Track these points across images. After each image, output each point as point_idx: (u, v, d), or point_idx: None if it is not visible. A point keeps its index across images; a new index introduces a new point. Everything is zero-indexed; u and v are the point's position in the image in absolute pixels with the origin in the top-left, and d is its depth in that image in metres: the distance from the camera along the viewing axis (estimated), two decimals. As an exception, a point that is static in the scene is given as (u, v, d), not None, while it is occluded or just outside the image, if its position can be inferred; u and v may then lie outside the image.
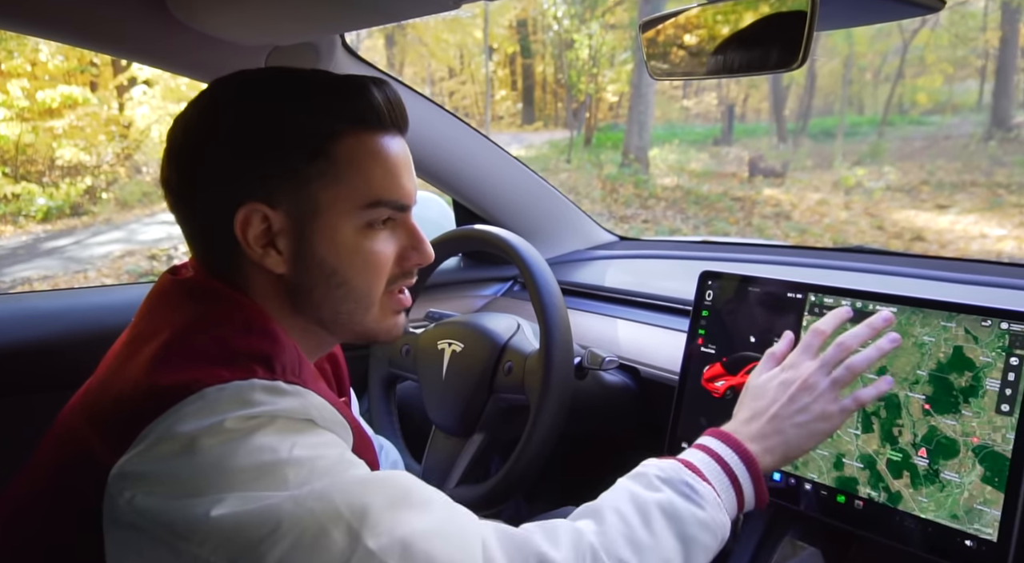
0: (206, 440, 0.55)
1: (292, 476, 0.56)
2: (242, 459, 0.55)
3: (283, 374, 0.62)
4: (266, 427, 0.57)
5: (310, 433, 0.60)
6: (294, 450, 0.57)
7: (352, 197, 0.68)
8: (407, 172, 0.72)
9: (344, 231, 0.68)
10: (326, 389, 0.67)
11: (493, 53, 15.91)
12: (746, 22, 0.72)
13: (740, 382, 0.95)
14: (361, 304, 0.71)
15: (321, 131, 0.66)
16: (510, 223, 1.56)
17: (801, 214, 7.84)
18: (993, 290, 1.11)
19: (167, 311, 0.67)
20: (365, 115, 0.68)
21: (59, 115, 8.78)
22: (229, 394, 0.58)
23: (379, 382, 1.21)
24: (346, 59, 1.19)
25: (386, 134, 0.70)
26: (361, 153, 0.68)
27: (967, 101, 11.03)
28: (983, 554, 0.73)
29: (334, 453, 0.60)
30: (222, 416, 0.56)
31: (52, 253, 7.34)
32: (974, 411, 0.76)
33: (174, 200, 0.70)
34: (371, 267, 0.70)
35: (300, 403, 0.60)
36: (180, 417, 0.56)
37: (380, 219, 0.70)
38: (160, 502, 0.54)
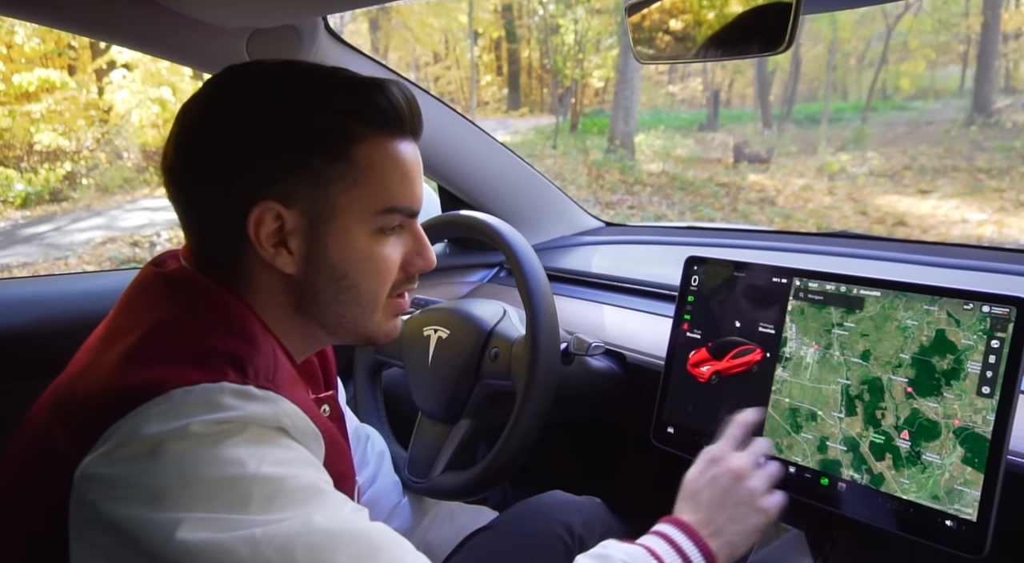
0: (171, 445, 0.54)
1: (256, 495, 0.54)
2: (207, 470, 0.54)
3: (255, 378, 0.60)
4: (235, 436, 0.56)
5: (280, 446, 0.58)
6: (262, 466, 0.55)
7: (369, 202, 0.67)
8: (419, 179, 0.72)
9: (358, 235, 0.68)
10: (303, 395, 0.66)
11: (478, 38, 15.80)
12: (732, 6, 0.72)
13: (725, 367, 0.96)
14: (367, 308, 0.71)
15: (342, 133, 0.65)
16: (496, 209, 1.56)
17: (785, 199, 7.88)
18: (974, 274, 1.12)
19: (145, 306, 0.65)
20: (388, 119, 0.67)
21: (36, 99, 8.64)
22: (196, 397, 0.56)
23: (365, 369, 1.21)
24: (329, 43, 1.17)
25: (404, 139, 0.69)
26: (380, 157, 0.67)
27: (949, 86, 11.11)
28: (963, 533, 0.74)
29: (304, 476, 0.58)
30: (188, 420, 0.55)
31: (31, 240, 7.24)
32: (956, 394, 0.77)
33: (177, 189, 0.67)
34: (380, 272, 0.70)
35: (271, 409, 0.59)
36: (145, 418, 0.55)
37: (392, 225, 0.70)
38: (124, 510, 0.53)
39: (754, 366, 0.93)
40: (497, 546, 0.93)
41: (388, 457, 1.11)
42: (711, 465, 0.82)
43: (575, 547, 0.91)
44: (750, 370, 0.94)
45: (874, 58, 11.48)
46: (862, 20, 11.26)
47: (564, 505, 0.97)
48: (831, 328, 0.87)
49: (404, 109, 0.68)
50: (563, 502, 0.98)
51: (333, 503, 0.59)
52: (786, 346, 0.91)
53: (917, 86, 11.29)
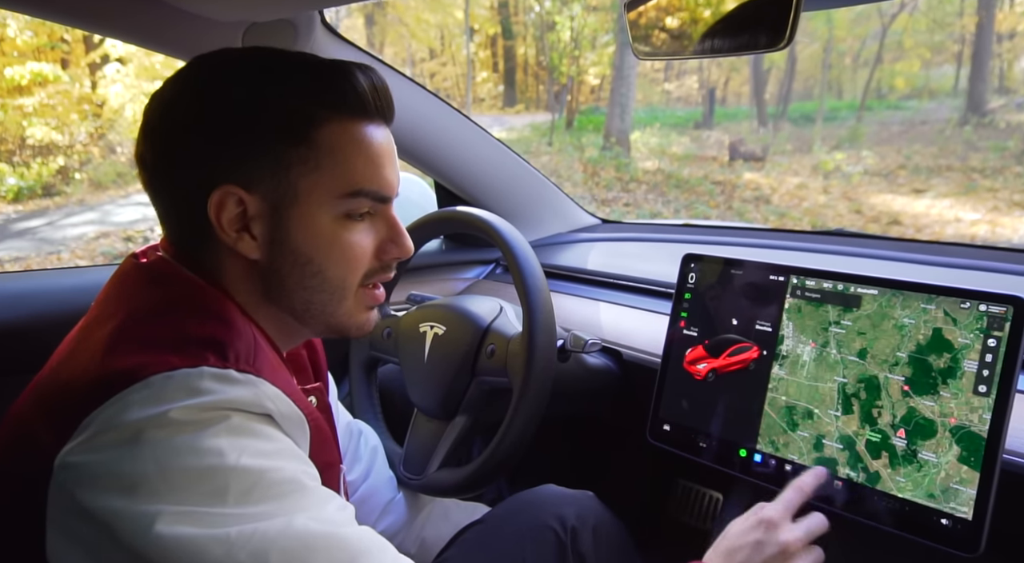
0: (151, 432, 0.53)
1: (235, 487, 0.53)
2: (185, 459, 0.53)
3: (236, 362, 0.59)
4: (216, 425, 0.55)
5: (263, 437, 0.57)
6: (242, 458, 0.54)
7: (332, 186, 0.66)
8: (390, 163, 0.70)
9: (322, 220, 0.66)
10: (287, 379, 0.66)
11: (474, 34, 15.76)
12: (732, 2, 0.71)
13: (722, 364, 0.96)
14: (335, 296, 0.69)
15: (304, 116, 0.65)
16: (492, 205, 1.55)
17: (780, 198, 7.90)
18: (971, 273, 1.12)
19: (123, 296, 0.65)
20: (350, 101, 0.66)
21: (29, 93, 8.58)
22: (176, 382, 0.55)
23: (360, 365, 1.20)
24: (325, 37, 1.16)
25: (370, 123, 0.68)
26: (343, 141, 0.66)
27: (943, 86, 11.15)
28: (958, 532, 0.74)
29: (286, 469, 0.57)
30: (168, 405, 0.54)
31: (24, 234, 7.20)
32: (952, 392, 0.77)
33: (148, 177, 0.68)
34: (347, 258, 0.68)
35: (252, 393, 0.58)
36: (125, 405, 0.54)
37: (359, 210, 0.68)
38: (102, 499, 0.52)
39: (751, 364, 0.93)
40: (490, 539, 0.93)
41: (382, 452, 1.11)
42: (760, 528, 0.77)
43: (567, 539, 0.91)
44: (747, 368, 0.94)
45: (869, 57, 11.52)
46: (857, 19, 11.29)
47: (557, 498, 0.97)
48: (828, 326, 0.87)
49: (368, 93, 0.67)
50: (556, 495, 0.98)
51: (315, 501, 0.58)
52: (783, 344, 0.91)
53: (912, 85, 11.33)
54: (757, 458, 0.91)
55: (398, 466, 1.10)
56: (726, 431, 0.95)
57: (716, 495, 1.23)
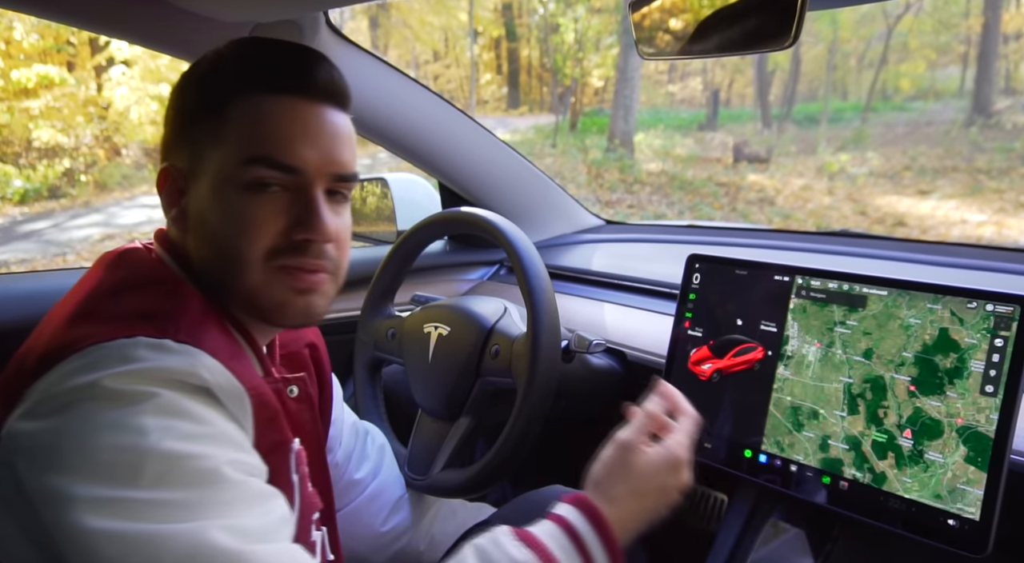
0: (81, 403, 0.54)
1: (149, 469, 0.52)
2: (107, 436, 0.53)
3: (174, 333, 0.60)
4: (145, 402, 0.54)
5: (192, 419, 0.56)
6: (163, 440, 0.53)
7: (233, 154, 0.66)
8: (306, 136, 0.67)
9: (225, 190, 0.67)
10: (234, 356, 0.65)
11: (478, 36, 15.79)
12: (737, 1, 0.71)
13: (727, 365, 0.96)
14: (236, 267, 0.67)
15: (218, 91, 0.68)
16: (496, 206, 1.55)
17: (785, 199, 7.89)
18: (977, 273, 1.12)
19: (86, 280, 0.68)
20: (262, 75, 0.68)
21: (35, 95, 8.63)
22: (110, 351, 0.57)
23: (364, 366, 1.20)
24: (330, 38, 1.17)
25: (286, 97, 0.67)
26: (251, 112, 0.67)
27: (949, 87, 11.12)
28: (965, 533, 0.74)
29: (210, 457, 0.55)
30: (101, 373, 0.55)
31: (30, 236, 7.23)
32: (959, 392, 0.77)
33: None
34: (243, 229, 0.66)
35: (187, 362, 0.58)
36: (62, 375, 0.56)
37: (262, 180, 0.66)
38: (31, 471, 0.53)
39: (756, 364, 0.93)
40: None
41: (389, 451, 1.11)
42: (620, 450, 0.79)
43: None
44: (752, 368, 0.93)
45: (874, 58, 11.49)
46: (862, 20, 11.27)
47: None
48: (833, 326, 0.87)
49: (283, 66, 0.69)
50: (561, 495, 0.98)
51: (234, 500, 0.55)
52: (788, 344, 0.91)
53: (917, 87, 11.31)
54: (762, 459, 0.91)
55: (402, 467, 1.10)
56: (731, 432, 0.94)
57: (721, 496, 1.22)
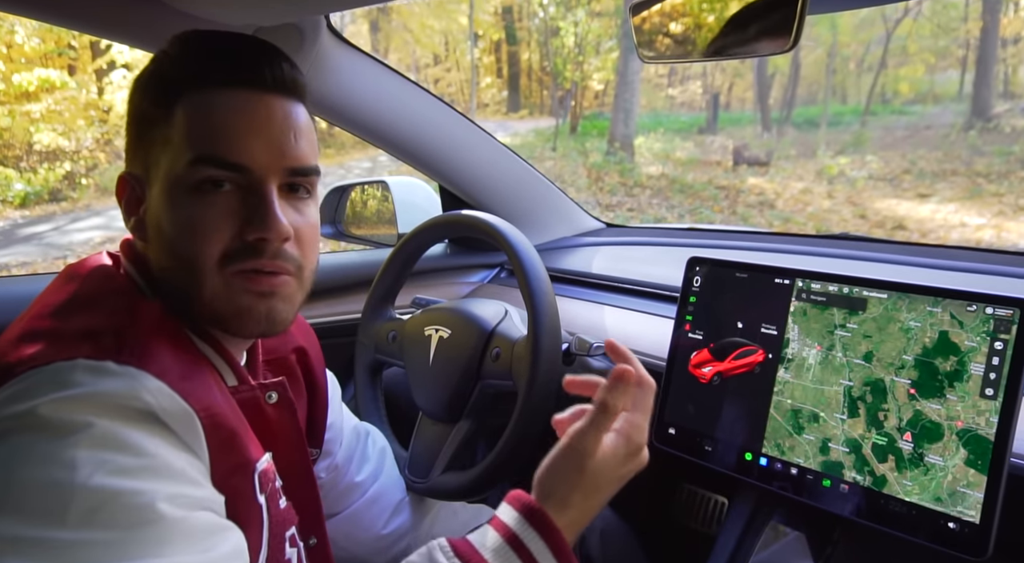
0: (15, 435, 0.51)
1: (76, 507, 0.49)
2: (35, 470, 0.49)
3: (116, 353, 0.56)
4: (78, 433, 0.51)
5: (128, 451, 0.52)
6: (94, 475, 0.50)
7: (181, 154, 0.63)
8: (252, 131, 0.64)
9: (174, 193, 0.63)
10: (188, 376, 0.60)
11: (478, 40, 15.82)
12: (737, 5, 0.72)
13: (727, 368, 0.96)
14: (193, 276, 0.64)
15: (164, 92, 0.64)
16: (497, 209, 1.55)
17: (785, 203, 7.89)
18: (976, 276, 1.12)
19: (42, 296, 0.65)
20: (205, 70, 0.64)
21: (36, 99, 8.64)
22: (47, 376, 0.54)
23: (365, 368, 1.21)
24: (331, 42, 1.17)
25: (232, 90, 0.64)
26: (195, 110, 0.63)
27: (948, 91, 11.14)
28: (966, 536, 0.74)
29: (146, 493, 0.51)
30: (36, 401, 0.52)
31: (30, 239, 7.23)
32: (959, 395, 0.77)
33: None
34: (196, 233, 0.63)
35: (127, 386, 0.54)
36: (1, 401, 0.53)
37: (209, 180, 0.63)
38: None
39: (756, 367, 0.93)
40: None
41: (390, 453, 1.11)
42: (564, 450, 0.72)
43: (575, 543, 0.91)
44: (752, 371, 0.94)
45: (873, 62, 11.51)
46: (861, 24, 11.29)
47: None
48: (833, 329, 0.87)
49: (227, 56, 0.64)
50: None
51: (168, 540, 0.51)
52: (788, 347, 0.91)
53: (916, 90, 11.32)
54: (763, 461, 0.91)
55: (403, 470, 1.10)
56: (732, 434, 0.94)
57: (721, 499, 1.22)
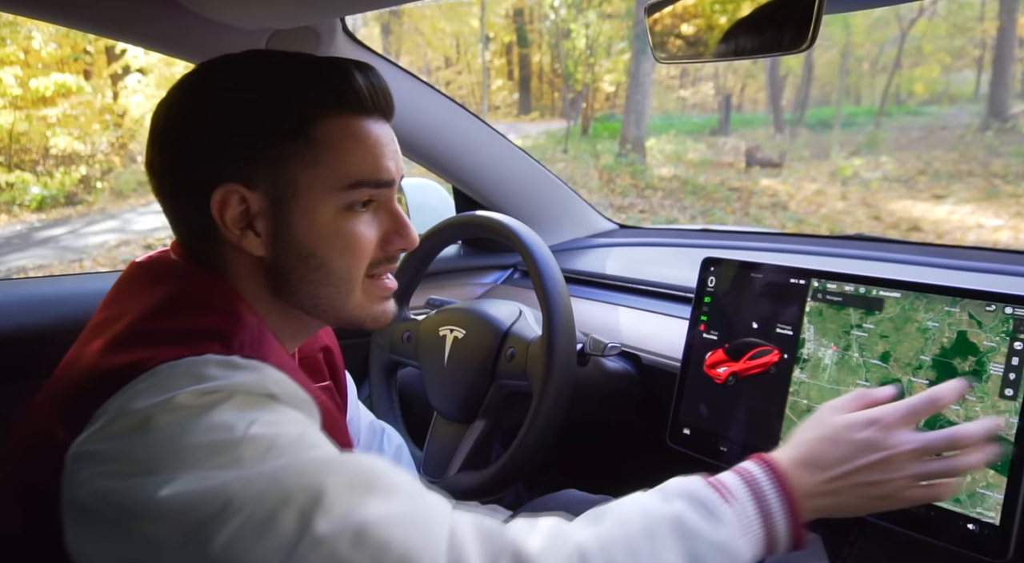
0: (160, 417, 0.54)
1: (248, 454, 0.54)
2: (196, 437, 0.54)
3: (240, 349, 0.61)
4: (222, 403, 0.56)
5: (270, 409, 0.58)
6: (251, 428, 0.55)
7: (331, 178, 0.67)
8: (389, 154, 0.70)
9: (324, 213, 0.67)
10: (294, 369, 0.66)
11: (490, 42, 15.85)
12: (751, 4, 0.72)
13: (742, 368, 0.96)
14: (342, 288, 0.70)
15: (300, 113, 0.66)
16: (510, 210, 1.56)
17: (798, 204, 7.85)
18: (993, 277, 1.11)
19: (129, 296, 0.67)
20: (346, 98, 0.68)
21: (52, 103, 8.73)
22: (182, 370, 0.57)
23: (380, 368, 1.21)
24: (347, 44, 1.18)
25: (368, 118, 0.69)
26: (340, 135, 0.67)
27: (964, 91, 11.03)
28: (985, 537, 0.73)
29: (295, 431, 0.58)
30: (174, 392, 0.55)
31: (47, 242, 7.31)
32: (978, 396, 0.76)
33: (157, 183, 0.70)
34: (351, 249, 0.69)
35: (257, 377, 0.59)
36: (133, 394, 0.55)
37: (360, 200, 0.69)
38: (114, 482, 0.53)
39: (771, 367, 0.93)
40: None
41: (406, 450, 1.11)
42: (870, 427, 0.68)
43: None
44: (767, 371, 0.93)
45: (888, 63, 11.43)
46: (875, 24, 11.21)
47: (577, 503, 0.97)
48: (850, 329, 0.87)
49: (364, 88, 0.68)
50: (576, 500, 0.98)
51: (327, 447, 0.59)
52: (804, 347, 0.90)
53: (931, 91, 11.22)
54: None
55: (418, 469, 1.10)
56: (747, 435, 0.94)
57: (736, 501, 1.22)
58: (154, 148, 0.68)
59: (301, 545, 0.51)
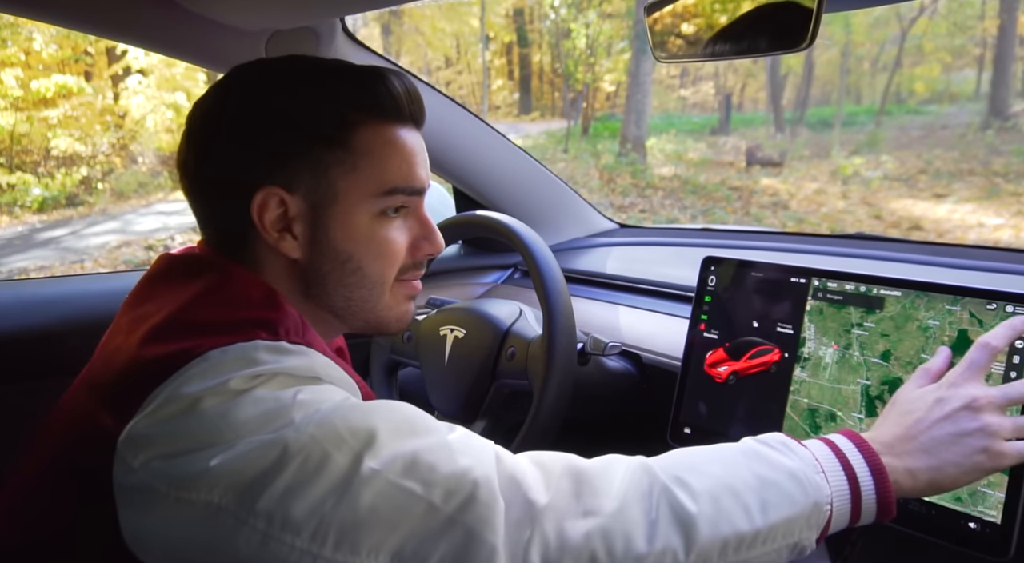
0: (210, 398, 0.56)
1: (298, 417, 0.56)
2: (246, 410, 0.56)
3: (287, 335, 0.63)
4: (269, 382, 0.58)
5: (316, 384, 0.61)
6: (299, 395, 0.57)
7: (369, 185, 0.69)
8: (422, 162, 0.73)
9: (360, 218, 0.69)
10: (334, 356, 0.68)
11: (490, 42, 15.85)
12: (751, 3, 0.72)
13: (743, 367, 0.96)
14: (374, 291, 0.72)
15: (341, 120, 0.67)
16: (511, 210, 1.56)
17: (799, 203, 7.84)
18: (994, 275, 1.11)
19: (167, 289, 0.67)
20: (385, 106, 0.69)
21: (53, 104, 8.74)
22: (233, 355, 0.58)
23: (381, 369, 1.21)
24: (346, 44, 1.18)
25: (403, 126, 0.71)
26: (379, 142, 0.69)
27: (965, 90, 11.02)
28: (987, 536, 0.73)
29: (340, 396, 0.61)
30: (227, 376, 0.57)
31: (48, 243, 7.31)
32: (978, 394, 0.76)
33: (189, 182, 0.70)
34: (385, 254, 0.71)
35: (306, 361, 0.61)
36: (185, 379, 0.57)
37: (394, 206, 0.71)
38: (168, 461, 0.54)
39: (772, 366, 0.93)
40: None
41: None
42: (940, 388, 0.68)
43: None
44: (768, 370, 0.93)
45: (888, 62, 11.42)
46: (876, 23, 11.20)
47: None
48: (850, 328, 0.87)
49: (402, 97, 0.70)
50: None
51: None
52: (804, 346, 0.90)
53: (932, 90, 11.21)
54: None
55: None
56: (748, 434, 0.93)
57: (737, 500, 1.22)
58: (190, 148, 0.69)
59: (355, 481, 0.54)
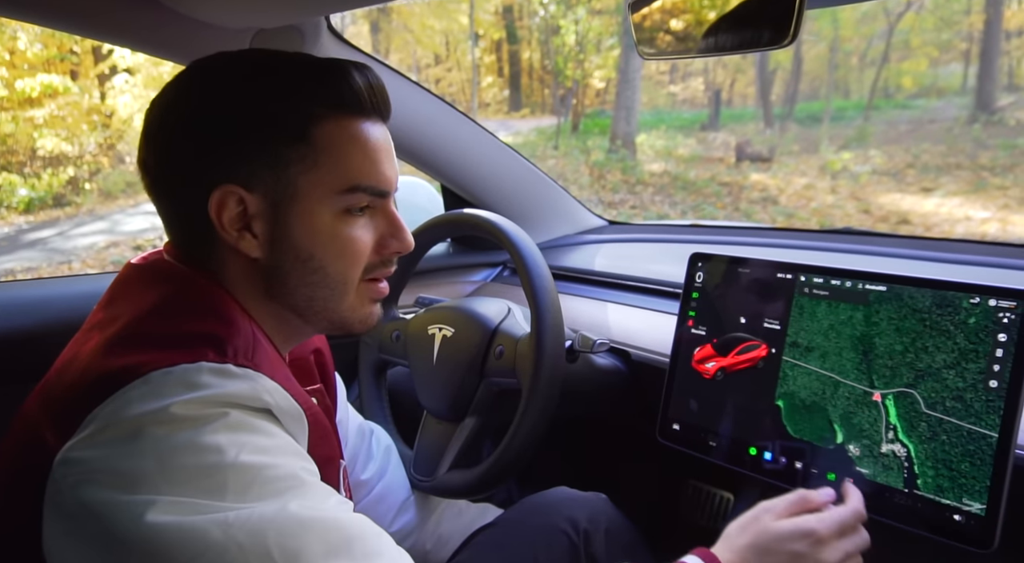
0: (151, 428, 0.53)
1: (233, 483, 0.53)
2: (184, 457, 0.53)
3: (234, 357, 0.60)
4: (215, 421, 0.55)
5: (262, 433, 0.57)
6: (241, 454, 0.54)
7: (330, 182, 0.67)
8: (387, 158, 0.71)
9: (321, 216, 0.67)
10: (285, 375, 0.66)
11: (479, 39, 15.81)
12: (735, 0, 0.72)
13: (731, 363, 0.96)
14: (336, 291, 0.70)
15: (301, 114, 0.65)
16: (499, 208, 1.56)
17: (788, 198, 7.87)
18: (980, 269, 1.12)
19: (124, 297, 0.66)
20: (346, 100, 0.67)
21: (39, 104, 8.66)
22: (175, 377, 0.56)
23: (369, 368, 1.21)
24: (332, 42, 1.17)
25: (367, 120, 0.69)
26: (340, 138, 0.67)
27: (952, 85, 11.09)
28: (971, 528, 0.74)
29: (285, 465, 0.57)
30: (168, 400, 0.54)
31: (35, 244, 7.26)
32: (963, 387, 0.77)
33: (151, 182, 0.69)
34: (348, 253, 0.69)
35: (250, 387, 0.59)
36: (126, 401, 0.55)
37: (358, 205, 0.69)
38: (98, 492, 0.52)
39: (759, 362, 0.93)
40: (502, 542, 0.93)
41: (395, 452, 1.11)
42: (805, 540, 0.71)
43: (580, 542, 0.91)
44: (755, 366, 0.94)
45: (876, 56, 11.46)
46: (863, 18, 11.26)
47: (569, 501, 0.97)
48: (837, 323, 0.87)
49: (364, 90, 0.68)
50: (568, 498, 0.98)
51: (314, 494, 0.58)
52: (791, 342, 0.91)
53: (919, 84, 11.27)
54: (767, 456, 0.91)
55: (408, 468, 1.10)
56: (736, 429, 0.94)
57: (727, 495, 1.22)
58: (149, 147, 0.67)
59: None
